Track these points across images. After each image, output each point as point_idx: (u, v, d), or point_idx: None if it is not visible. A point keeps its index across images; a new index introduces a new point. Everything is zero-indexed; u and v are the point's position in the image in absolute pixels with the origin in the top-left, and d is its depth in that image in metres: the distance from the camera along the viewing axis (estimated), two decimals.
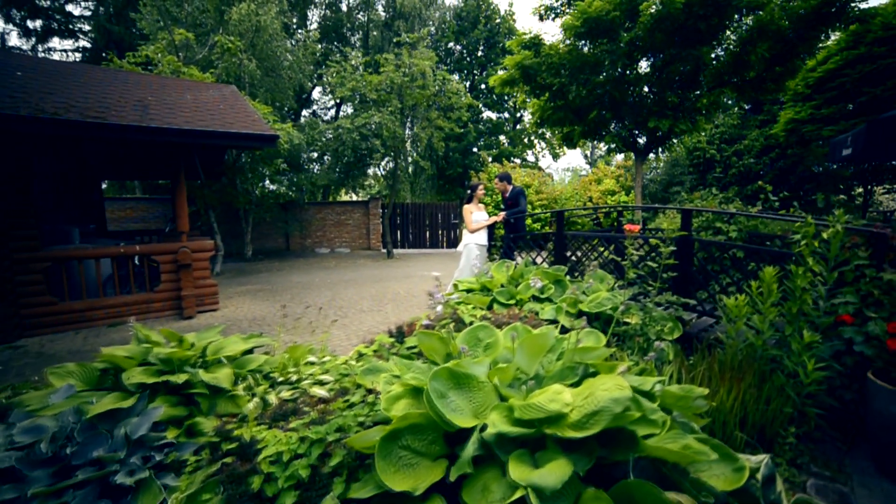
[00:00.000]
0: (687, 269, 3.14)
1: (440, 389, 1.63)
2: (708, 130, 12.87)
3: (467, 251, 5.04)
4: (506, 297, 3.90)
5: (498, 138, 22.32)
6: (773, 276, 2.24)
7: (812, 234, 2.17)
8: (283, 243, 15.70)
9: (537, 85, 6.00)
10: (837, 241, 2.15)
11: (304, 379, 2.48)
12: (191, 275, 5.70)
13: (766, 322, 2.27)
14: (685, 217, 3.16)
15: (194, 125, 5.07)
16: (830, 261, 2.20)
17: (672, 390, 1.62)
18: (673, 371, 2.53)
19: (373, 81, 10.44)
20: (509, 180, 5.09)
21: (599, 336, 2.30)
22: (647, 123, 5.53)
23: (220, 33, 9.95)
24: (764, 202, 4.00)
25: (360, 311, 5.94)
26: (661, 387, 1.65)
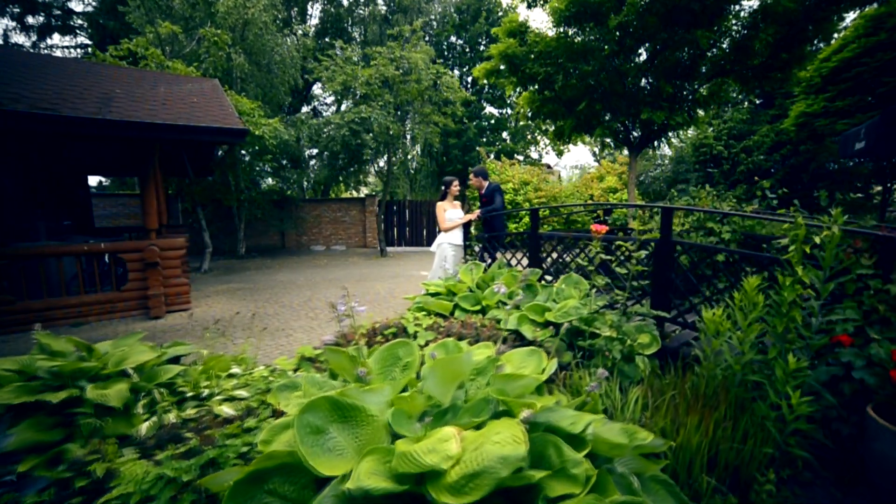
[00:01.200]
0: (666, 276, 2.78)
1: (317, 424, 1.32)
2: (716, 126, 12.31)
3: (440, 251, 4.72)
4: (471, 303, 3.58)
5: (500, 135, 21.88)
6: (756, 288, 1.88)
7: (802, 238, 1.81)
8: (278, 241, 15.57)
9: (524, 75, 5.62)
10: (833, 245, 1.78)
11: (216, 394, 2.20)
12: (159, 274, 5.49)
13: (747, 341, 1.91)
14: (665, 217, 2.79)
15: (156, 118, 4.83)
16: (825, 270, 1.83)
17: (606, 436, 1.28)
18: (639, 395, 2.19)
19: (363, 75, 10.15)
20: (485, 176, 4.75)
21: (541, 357, 1.96)
22: (640, 115, 5.11)
23: (209, 27, 9.75)
24: (761, 200, 3.59)
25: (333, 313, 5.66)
26: (593, 429, 1.32)
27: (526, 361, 1.99)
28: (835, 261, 2.13)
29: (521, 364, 1.99)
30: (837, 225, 1.78)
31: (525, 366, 1.97)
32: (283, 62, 11.18)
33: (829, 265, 1.81)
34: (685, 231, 3.93)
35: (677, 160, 12.72)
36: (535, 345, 2.82)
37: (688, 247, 2.70)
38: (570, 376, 2.44)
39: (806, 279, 1.80)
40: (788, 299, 1.80)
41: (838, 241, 1.77)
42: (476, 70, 6.18)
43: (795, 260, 1.82)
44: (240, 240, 12.75)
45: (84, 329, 5.00)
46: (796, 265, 1.80)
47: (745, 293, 1.88)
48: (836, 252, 1.80)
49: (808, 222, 1.91)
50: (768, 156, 12.03)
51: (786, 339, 1.84)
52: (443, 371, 1.61)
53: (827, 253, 1.80)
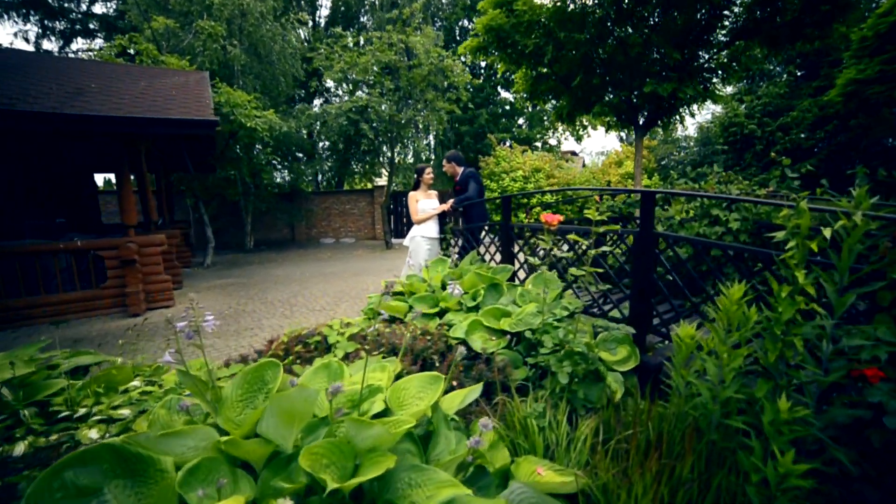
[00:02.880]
0: (646, 276, 2.25)
1: (83, 483, 0.98)
2: (748, 102, 11.09)
3: (414, 245, 4.31)
4: (429, 305, 3.16)
5: (515, 120, 20.99)
6: (741, 299, 1.37)
7: (807, 230, 1.27)
8: (288, 234, 15.65)
9: (514, 50, 5.02)
10: (854, 240, 1.23)
11: (91, 414, 1.93)
12: (136, 271, 5.40)
13: (728, 371, 1.40)
14: (646, 204, 2.25)
15: (121, 112, 4.65)
16: (842, 275, 1.28)
17: None
18: (588, 432, 1.72)
19: (361, 62, 9.76)
20: (459, 161, 4.27)
21: (437, 379, 1.55)
22: (644, 88, 4.41)
23: (205, 19, 9.63)
24: (780, 181, 2.92)
25: (311, 311, 5.42)
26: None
27: (426, 391, 1.57)
28: (857, 261, 1.56)
29: (418, 393, 1.58)
30: (861, 210, 1.22)
31: (422, 396, 1.55)
32: (283, 53, 10.96)
33: (848, 267, 1.26)
34: (687, 220, 3.33)
35: (703, 142, 11.61)
36: (481, 360, 2.39)
37: (673, 240, 2.16)
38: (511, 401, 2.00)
39: (811, 289, 1.26)
40: (785, 317, 1.27)
41: (862, 233, 1.22)
42: (462, 47, 5.62)
43: (796, 262, 1.28)
44: (247, 233, 12.85)
45: (63, 327, 4.99)
46: (796, 269, 1.27)
47: (724, 307, 1.37)
48: (858, 249, 1.25)
49: (817, 207, 1.37)
50: (810, 133, 10.73)
51: (780, 372, 1.32)
52: (283, 409, 1.22)
53: (844, 251, 1.25)
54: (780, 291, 1.30)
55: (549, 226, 2.01)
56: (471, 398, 1.76)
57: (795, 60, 11.36)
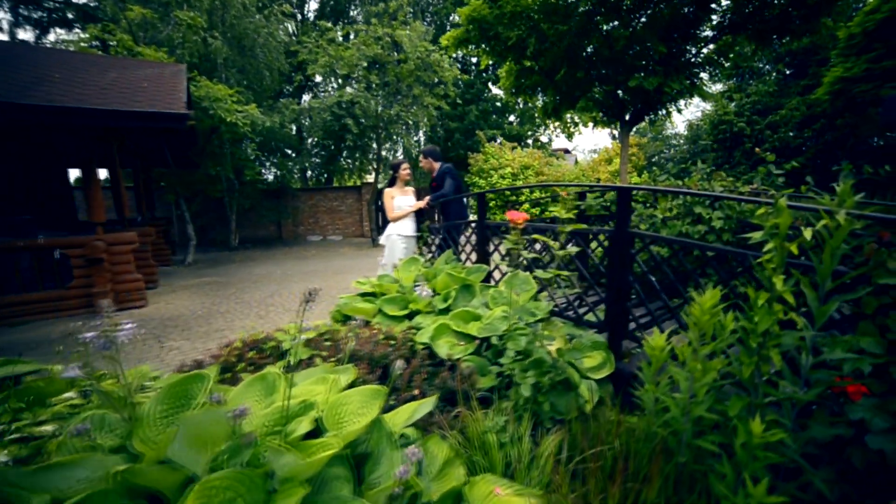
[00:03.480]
0: (622, 278, 2.12)
1: None
2: (737, 100, 11.06)
3: (390, 244, 4.15)
4: (398, 307, 3.01)
5: (506, 118, 20.86)
6: (714, 307, 1.23)
7: (786, 230, 1.13)
8: (275, 231, 15.35)
9: (497, 42, 4.86)
10: (837, 242, 1.10)
11: (10, 431, 1.74)
12: (104, 270, 5.17)
13: (699, 385, 1.26)
14: (622, 201, 2.12)
15: (83, 104, 4.41)
16: (823, 280, 1.15)
17: None
18: (552, 449, 1.59)
19: (345, 56, 9.52)
20: (436, 157, 4.11)
21: (377, 393, 1.40)
22: (629, 83, 4.28)
23: (185, 9, 9.31)
24: (764, 177, 2.81)
25: (287, 311, 5.23)
26: None
27: (368, 406, 1.42)
28: (841, 263, 1.45)
29: (359, 409, 1.43)
30: (845, 209, 1.09)
31: (364, 412, 1.40)
32: (267, 46, 10.67)
33: (830, 271, 1.13)
34: (670, 218, 3.21)
35: (693, 139, 11.58)
36: (446, 367, 2.24)
37: (650, 240, 2.02)
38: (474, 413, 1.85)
39: (790, 297, 1.13)
40: (762, 327, 1.14)
41: (846, 234, 1.09)
42: (444, 38, 5.45)
43: (774, 266, 1.15)
44: (232, 231, 12.56)
45: (22, 329, 4.75)
46: (774, 274, 1.13)
47: (695, 315, 1.23)
48: (842, 251, 1.11)
49: (797, 205, 1.24)
50: (798, 132, 10.75)
51: (756, 388, 1.19)
52: (190, 433, 1.06)
53: (826, 254, 1.12)
54: (756, 299, 1.16)
55: (516, 224, 1.86)
56: (422, 412, 1.62)
57: (784, 59, 11.36)
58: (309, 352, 2.26)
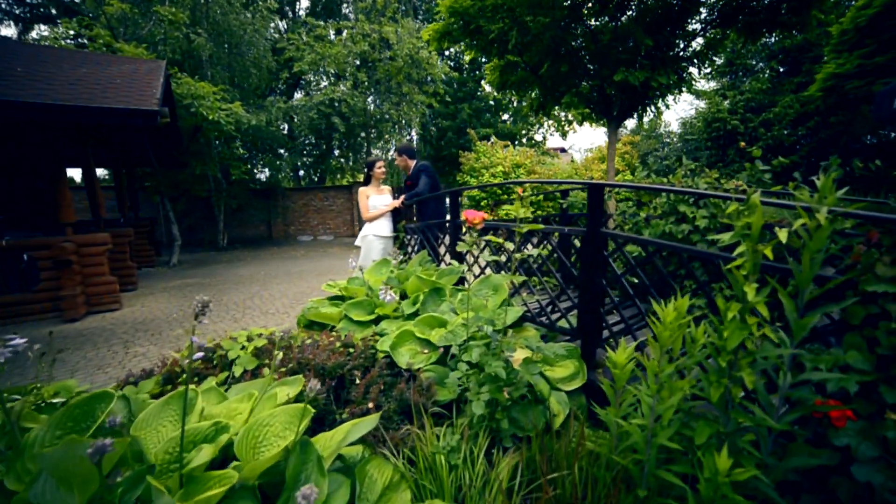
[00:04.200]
0: (595, 282, 1.96)
1: None
2: (731, 97, 10.96)
3: (366, 245, 3.98)
4: (364, 312, 2.85)
5: (499, 115, 20.68)
6: (675, 320, 1.08)
7: (759, 230, 0.97)
8: (265, 231, 15.12)
9: (481, 37, 4.69)
10: (818, 244, 0.95)
11: None
12: (73, 272, 4.97)
13: (664, 407, 1.11)
14: (593, 198, 1.96)
15: (43, 99, 4.21)
16: (802, 288, 1.00)
17: None
18: (507, 473, 1.43)
19: (331, 53, 9.33)
20: (411, 154, 3.94)
21: (302, 412, 1.23)
22: (614, 77, 4.12)
23: (167, 5, 9.09)
24: (750, 174, 2.66)
25: (264, 314, 5.06)
26: None
27: (291, 427, 1.26)
28: (824, 266, 1.30)
29: (283, 430, 1.26)
30: (826, 205, 0.93)
31: (286, 435, 1.23)
32: (253, 43, 10.45)
33: (810, 278, 0.98)
34: (654, 217, 3.06)
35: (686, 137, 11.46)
36: (404, 376, 2.08)
37: (623, 240, 1.87)
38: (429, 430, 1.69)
39: (764, 309, 0.97)
40: (731, 344, 0.98)
41: (827, 235, 0.93)
42: (425, 32, 5.27)
43: (746, 271, 0.99)
44: (220, 231, 12.34)
45: None
46: (746, 283, 0.98)
47: (658, 330, 1.07)
48: (822, 258, 0.96)
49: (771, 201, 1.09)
50: (792, 130, 10.65)
51: (726, 413, 1.03)
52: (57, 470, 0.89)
53: (805, 259, 0.96)
54: (726, 310, 1.00)
55: (473, 224, 1.70)
56: (358, 433, 1.45)
57: (777, 56, 11.26)
58: (255, 361, 2.10)
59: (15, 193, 6.80)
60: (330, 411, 2.18)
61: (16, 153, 6.43)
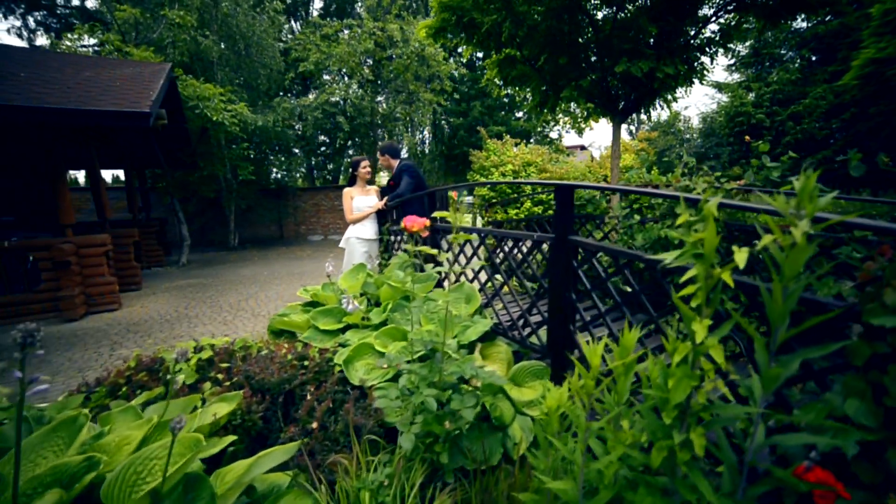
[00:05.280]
0: (563, 295, 1.74)
1: None
2: (756, 89, 10.28)
3: (349, 247, 3.84)
4: (333, 320, 2.70)
5: (513, 113, 20.28)
6: (625, 357, 0.86)
7: (713, 250, 0.74)
8: (276, 231, 15.30)
9: (476, 31, 4.44)
10: (795, 267, 0.71)
11: None
12: (72, 273, 5.05)
13: (598, 466, 0.89)
14: (561, 201, 1.73)
15: (38, 102, 4.26)
16: (775, 327, 0.76)
17: None
18: None
19: (336, 52, 9.28)
20: (394, 154, 3.76)
21: (194, 443, 1.06)
22: (616, 68, 3.79)
23: (176, 9, 9.24)
24: (757, 171, 2.33)
25: (255, 316, 5.01)
26: None
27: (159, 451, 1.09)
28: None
29: (176, 462, 1.10)
30: (807, 216, 0.69)
31: (181, 468, 1.07)
32: (261, 44, 10.53)
33: (785, 313, 0.74)
34: (648, 220, 2.78)
35: (706, 133, 10.85)
36: (351, 395, 1.90)
37: (593, 249, 1.63)
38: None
39: (718, 354, 0.74)
40: (677, 397, 0.76)
41: (806, 258, 0.69)
42: (419, 29, 5.07)
43: (697, 304, 0.77)
44: (231, 231, 12.54)
45: None
46: (696, 320, 0.75)
47: (582, 372, 0.86)
48: (803, 282, 0.72)
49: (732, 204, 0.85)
50: (824, 122, 9.89)
51: (675, 482, 0.80)
52: None
53: (776, 289, 0.73)
54: (673, 351, 0.78)
55: (411, 231, 1.51)
56: (268, 465, 1.29)
57: (809, 43, 10.48)
58: (196, 375, 1.97)
59: (23, 195, 7.04)
60: (274, 430, 2.03)
61: (20, 155, 6.63)
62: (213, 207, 12.93)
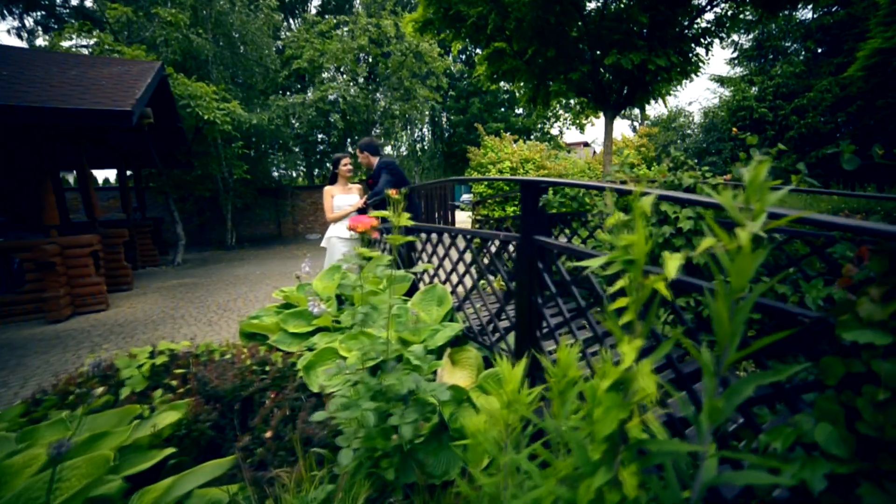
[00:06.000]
0: (528, 299, 1.62)
1: None
2: (758, 83, 10.04)
3: (330, 247, 3.74)
4: (304, 323, 2.60)
5: (513, 110, 20.08)
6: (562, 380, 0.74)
7: (643, 256, 0.62)
8: (274, 229, 15.26)
9: (463, 24, 4.31)
10: (742, 278, 0.59)
11: None
12: (56, 274, 5.00)
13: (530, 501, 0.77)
14: (527, 198, 1.61)
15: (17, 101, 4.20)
16: (721, 350, 0.63)
17: None
18: None
19: (329, 49, 9.17)
20: (374, 151, 3.65)
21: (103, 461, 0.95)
22: (605, 60, 3.64)
23: (168, 7, 9.17)
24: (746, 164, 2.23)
25: (240, 317, 4.92)
26: None
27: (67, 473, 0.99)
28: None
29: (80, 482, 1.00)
30: (757, 218, 0.57)
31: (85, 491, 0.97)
32: (255, 41, 10.43)
33: (735, 333, 0.62)
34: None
35: (707, 128, 10.62)
36: (307, 404, 1.80)
37: (556, 251, 1.51)
38: None
39: (649, 382, 0.62)
40: (602, 430, 0.64)
41: (755, 266, 0.57)
42: (405, 22, 4.93)
43: (627, 320, 0.65)
44: (228, 230, 12.50)
45: None
46: (626, 340, 0.63)
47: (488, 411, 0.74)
48: (753, 299, 0.60)
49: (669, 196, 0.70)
50: (830, 116, 9.64)
51: None
52: None
53: (720, 303, 0.60)
54: (602, 376, 0.66)
55: (359, 232, 1.40)
56: (197, 481, 1.20)
57: (814, 34, 10.20)
58: (145, 383, 1.88)
59: (17, 195, 7.00)
60: (228, 439, 1.93)
61: (13, 155, 6.59)
62: (211, 206, 12.90)
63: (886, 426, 0.70)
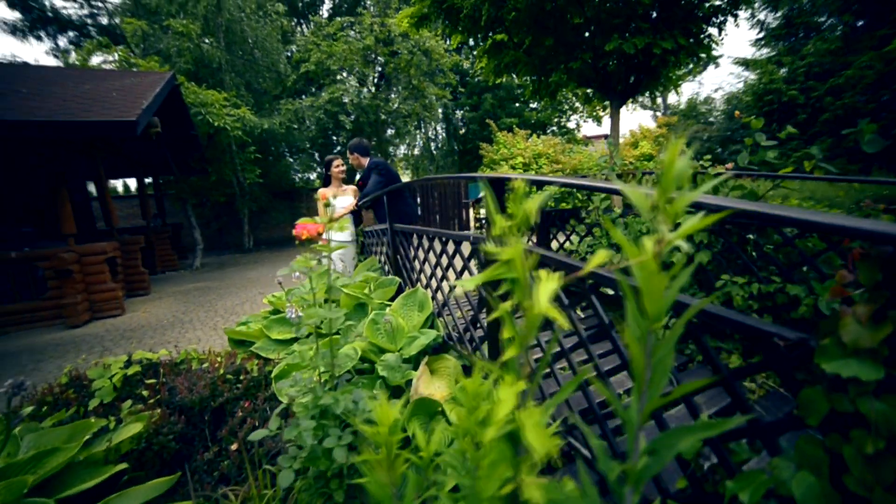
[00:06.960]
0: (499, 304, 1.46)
1: None
2: (787, 63, 9.36)
3: None
4: (287, 330, 2.55)
5: (527, 104, 19.67)
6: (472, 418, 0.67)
7: (526, 274, 0.48)
8: (290, 232, 15.48)
9: (457, 15, 4.15)
10: (658, 305, 0.43)
11: None
12: (74, 281, 5.21)
13: None
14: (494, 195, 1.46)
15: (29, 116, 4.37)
16: (640, 389, 0.48)
17: None
18: None
19: (335, 50, 9.20)
20: (364, 151, 3.55)
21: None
22: (606, 46, 3.39)
23: (181, 17, 9.45)
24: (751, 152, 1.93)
25: None
26: None
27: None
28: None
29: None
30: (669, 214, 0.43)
31: None
32: (263, 47, 10.62)
33: (656, 379, 0.47)
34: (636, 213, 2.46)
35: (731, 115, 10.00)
36: (274, 414, 1.73)
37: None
38: None
39: (536, 443, 0.48)
40: (487, 490, 0.51)
41: (674, 295, 0.42)
42: (399, 18, 4.81)
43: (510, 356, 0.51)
44: (245, 233, 12.84)
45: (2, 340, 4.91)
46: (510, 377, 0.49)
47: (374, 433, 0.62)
48: (676, 338, 0.45)
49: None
50: (872, 95, 8.86)
51: None
52: None
53: (631, 334, 0.46)
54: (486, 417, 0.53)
55: (303, 239, 1.30)
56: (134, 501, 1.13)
57: (852, 6, 9.39)
58: (113, 394, 1.86)
59: (43, 206, 7.38)
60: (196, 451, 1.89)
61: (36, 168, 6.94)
62: (228, 211, 13.29)
63: (876, 487, 0.54)
